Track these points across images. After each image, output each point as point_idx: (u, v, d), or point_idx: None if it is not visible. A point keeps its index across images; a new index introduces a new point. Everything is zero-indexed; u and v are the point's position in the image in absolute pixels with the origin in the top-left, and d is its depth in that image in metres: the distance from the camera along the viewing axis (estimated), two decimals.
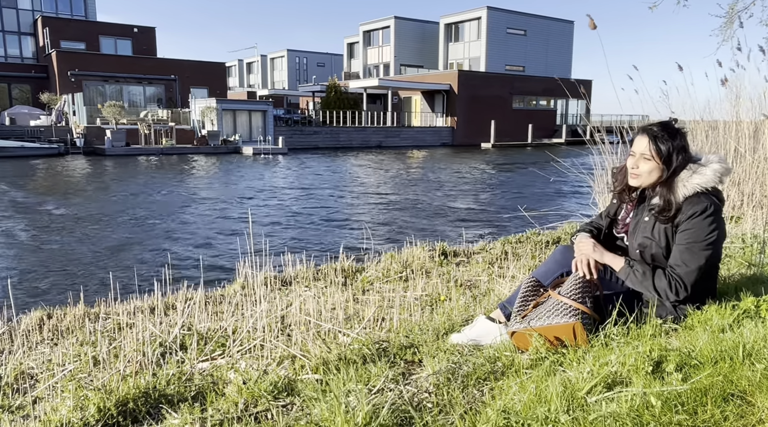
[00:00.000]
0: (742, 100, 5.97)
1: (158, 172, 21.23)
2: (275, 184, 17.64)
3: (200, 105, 32.38)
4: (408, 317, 2.90)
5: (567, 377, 1.83)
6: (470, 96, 40.69)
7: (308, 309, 2.94)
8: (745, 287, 2.65)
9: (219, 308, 3.41)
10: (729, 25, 7.55)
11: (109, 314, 3.36)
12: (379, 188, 16.92)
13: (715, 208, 2.23)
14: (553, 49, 49.15)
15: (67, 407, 1.89)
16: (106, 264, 7.80)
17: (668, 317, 2.31)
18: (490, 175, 21.14)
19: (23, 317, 3.35)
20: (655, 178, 2.30)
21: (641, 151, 2.30)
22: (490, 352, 2.18)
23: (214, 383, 2.12)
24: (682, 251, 2.24)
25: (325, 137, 36.62)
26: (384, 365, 2.11)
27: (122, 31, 40.35)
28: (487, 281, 3.78)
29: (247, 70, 73.60)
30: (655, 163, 2.28)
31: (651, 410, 1.59)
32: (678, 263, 2.24)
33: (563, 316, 2.14)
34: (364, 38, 52.61)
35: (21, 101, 36.25)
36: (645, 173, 2.31)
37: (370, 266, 4.37)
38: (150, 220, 11.42)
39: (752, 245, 3.80)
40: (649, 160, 2.29)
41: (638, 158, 2.32)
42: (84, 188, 16.36)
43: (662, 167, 2.27)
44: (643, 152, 2.30)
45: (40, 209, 12.58)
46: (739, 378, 1.74)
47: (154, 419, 1.90)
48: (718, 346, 1.94)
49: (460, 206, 13.43)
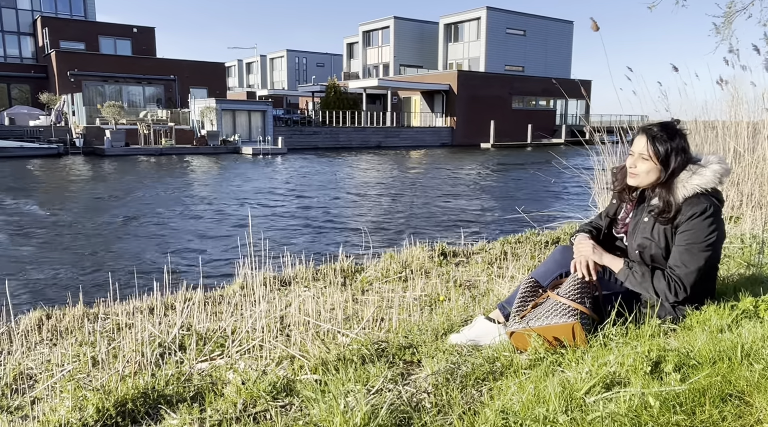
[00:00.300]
0: (741, 100, 5.98)
1: (157, 173, 21.23)
2: (275, 185, 17.63)
3: (200, 105, 32.38)
4: (407, 317, 2.90)
5: (565, 378, 1.83)
6: (470, 96, 40.70)
7: (307, 309, 2.94)
8: (744, 287, 2.65)
9: (218, 309, 3.41)
10: (727, 25, 7.55)
11: (108, 314, 3.36)
12: (379, 189, 16.92)
13: (714, 209, 2.23)
14: (553, 50, 49.17)
15: (66, 407, 1.89)
16: (104, 264, 7.80)
17: (667, 317, 2.31)
18: (489, 176, 21.15)
19: (22, 318, 3.34)
20: (654, 178, 2.30)
21: (639, 151, 2.30)
22: (488, 352, 2.19)
23: (212, 384, 2.12)
24: (681, 252, 2.24)
25: (324, 137, 36.62)
26: (383, 365, 2.11)
27: (122, 31, 40.34)
28: (487, 281, 3.78)
29: (246, 70, 73.59)
30: (653, 163, 2.27)
31: (649, 411, 1.59)
32: (677, 264, 2.24)
33: (562, 316, 2.14)
34: (364, 38, 52.62)
35: (20, 101, 36.23)
36: (643, 173, 2.31)
37: (369, 267, 4.37)
38: (149, 220, 11.41)
39: (751, 245, 3.80)
40: (646, 160, 2.28)
41: (636, 158, 2.32)
42: (83, 188, 16.35)
43: (660, 168, 2.27)
44: (641, 152, 2.29)
45: (39, 209, 12.57)
46: (738, 378, 1.74)
47: (153, 419, 1.90)
48: (717, 346, 1.94)
49: (459, 206, 13.43)
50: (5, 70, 36.62)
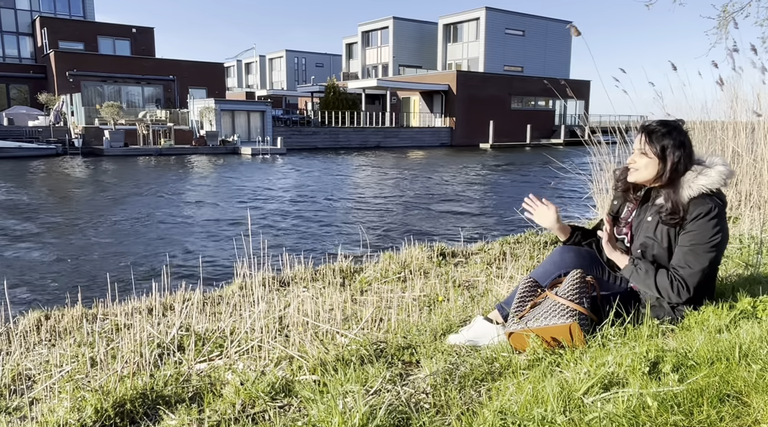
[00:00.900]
0: (739, 100, 5.98)
1: (156, 173, 21.21)
2: (273, 185, 17.63)
3: (199, 105, 32.35)
4: (406, 317, 2.90)
5: (564, 378, 1.83)
6: (469, 96, 40.71)
7: (306, 310, 2.94)
8: (742, 287, 2.65)
9: (217, 309, 3.41)
10: (723, 25, 7.56)
11: (107, 314, 3.35)
12: (378, 189, 16.93)
13: (719, 210, 2.24)
14: (552, 50, 49.18)
15: (65, 408, 1.89)
16: (102, 265, 7.79)
17: (665, 317, 2.31)
18: (488, 176, 21.15)
19: (21, 318, 3.34)
20: (653, 173, 2.31)
21: (638, 147, 2.34)
22: (487, 353, 2.19)
23: (211, 384, 2.12)
24: (685, 252, 2.24)
25: (323, 138, 36.61)
26: (381, 365, 2.11)
27: (121, 31, 40.29)
28: (485, 281, 3.78)
29: (245, 71, 73.57)
30: (650, 157, 2.29)
31: (647, 411, 1.59)
32: (681, 265, 2.24)
33: (560, 317, 2.14)
34: (363, 39, 52.63)
35: (19, 102, 36.19)
36: (642, 168, 2.33)
37: (368, 267, 4.38)
38: (147, 221, 11.41)
39: (749, 245, 3.81)
40: (644, 155, 2.31)
41: (636, 153, 2.35)
42: (81, 189, 16.34)
43: (657, 162, 2.28)
44: (639, 147, 2.33)
45: (37, 210, 12.56)
46: (735, 379, 1.74)
47: (152, 420, 1.90)
48: (715, 347, 1.95)
49: (458, 207, 13.43)
50: (4, 70, 36.57)
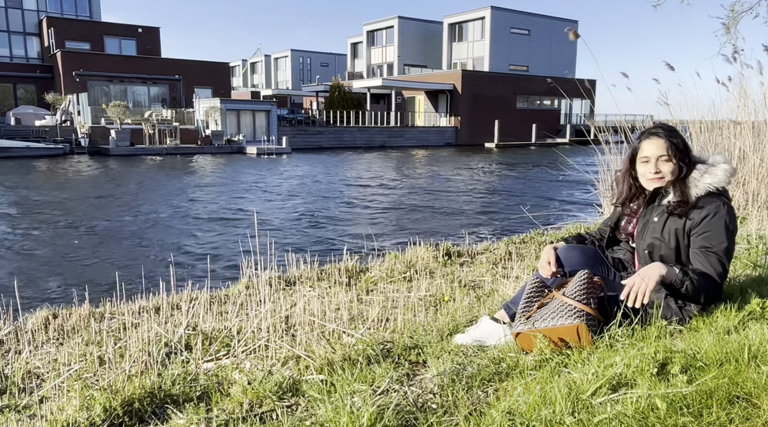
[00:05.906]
0: (747, 100, 5.95)
1: (162, 173, 21.28)
2: (279, 185, 17.66)
3: (204, 105, 32.45)
4: (412, 317, 2.90)
5: (572, 379, 1.83)
6: (474, 96, 40.64)
7: (312, 309, 2.95)
8: (751, 288, 2.64)
9: (223, 308, 3.42)
10: (732, 25, 7.52)
11: (115, 313, 3.37)
12: (383, 188, 16.92)
13: (728, 207, 2.27)
14: (557, 49, 49.01)
15: (74, 406, 1.89)
16: (110, 264, 7.83)
17: (673, 318, 2.30)
18: (493, 176, 21.11)
19: (29, 317, 3.36)
20: (675, 173, 2.32)
21: (659, 154, 2.31)
22: (494, 353, 2.18)
23: (219, 384, 2.13)
24: (707, 255, 2.24)
25: (328, 137, 36.63)
26: (388, 365, 2.11)
27: (127, 31, 40.46)
28: (491, 281, 3.77)
29: (251, 70, 73.66)
30: (674, 162, 2.30)
31: (656, 412, 1.59)
32: (707, 268, 2.23)
33: (568, 317, 2.14)
34: (368, 38, 52.61)
35: (26, 101, 36.39)
36: (668, 174, 2.32)
37: (374, 266, 4.37)
38: (154, 220, 11.45)
39: (758, 245, 3.78)
40: (668, 161, 2.31)
41: (656, 161, 2.32)
42: (88, 188, 16.41)
43: (679, 164, 2.29)
44: (661, 154, 2.31)
45: (45, 209, 12.63)
46: (745, 380, 1.74)
47: (160, 419, 1.90)
48: (724, 348, 1.94)
49: (463, 206, 13.42)
50: (11, 70, 36.79)
